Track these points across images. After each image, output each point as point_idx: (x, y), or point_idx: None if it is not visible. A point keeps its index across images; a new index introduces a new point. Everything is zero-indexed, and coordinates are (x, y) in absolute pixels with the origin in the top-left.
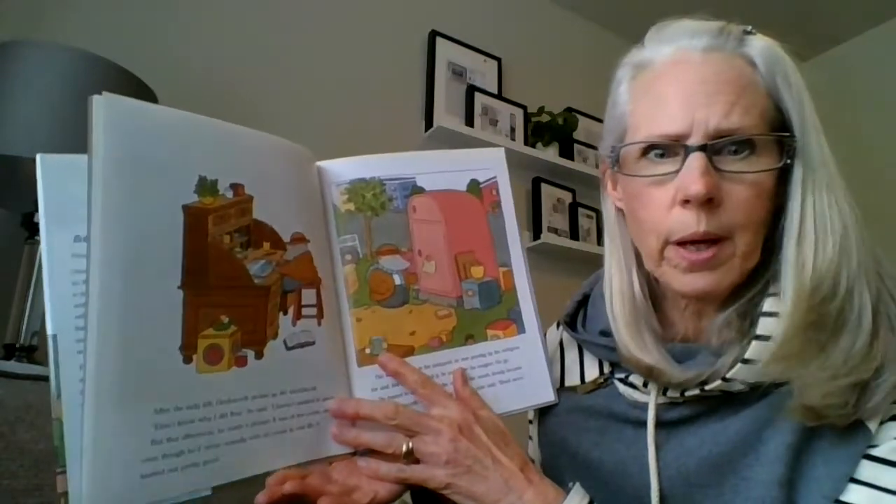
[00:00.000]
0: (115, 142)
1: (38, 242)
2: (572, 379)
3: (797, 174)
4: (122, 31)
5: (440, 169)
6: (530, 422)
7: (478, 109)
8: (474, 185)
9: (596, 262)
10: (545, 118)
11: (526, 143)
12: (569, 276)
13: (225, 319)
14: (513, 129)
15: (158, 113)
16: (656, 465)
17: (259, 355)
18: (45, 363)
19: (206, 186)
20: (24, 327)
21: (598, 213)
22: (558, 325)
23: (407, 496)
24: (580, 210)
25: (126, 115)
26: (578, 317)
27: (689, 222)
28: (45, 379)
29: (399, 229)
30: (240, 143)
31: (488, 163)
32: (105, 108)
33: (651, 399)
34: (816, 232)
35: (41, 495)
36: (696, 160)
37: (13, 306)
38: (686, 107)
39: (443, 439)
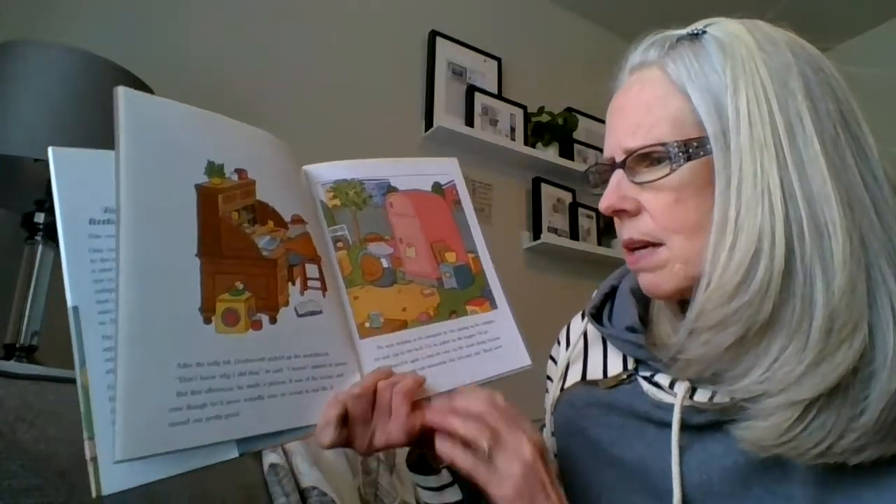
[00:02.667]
0: (134, 129)
1: (38, 242)
2: (594, 373)
3: (716, 170)
4: (122, 31)
5: (407, 173)
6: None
7: (478, 109)
8: (437, 187)
9: (596, 262)
10: (545, 118)
11: (526, 143)
12: (569, 276)
13: (240, 286)
14: (513, 129)
15: (171, 106)
16: (679, 469)
17: (273, 320)
18: (45, 363)
19: (214, 169)
20: (24, 327)
21: (598, 213)
22: (583, 316)
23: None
24: (580, 210)
25: (144, 106)
26: (605, 310)
27: (619, 230)
28: (46, 379)
29: (380, 221)
30: (240, 134)
31: (446, 169)
32: (125, 101)
33: (677, 400)
34: (737, 223)
35: (41, 495)
36: (612, 178)
37: (13, 306)
38: (610, 134)
39: (515, 465)
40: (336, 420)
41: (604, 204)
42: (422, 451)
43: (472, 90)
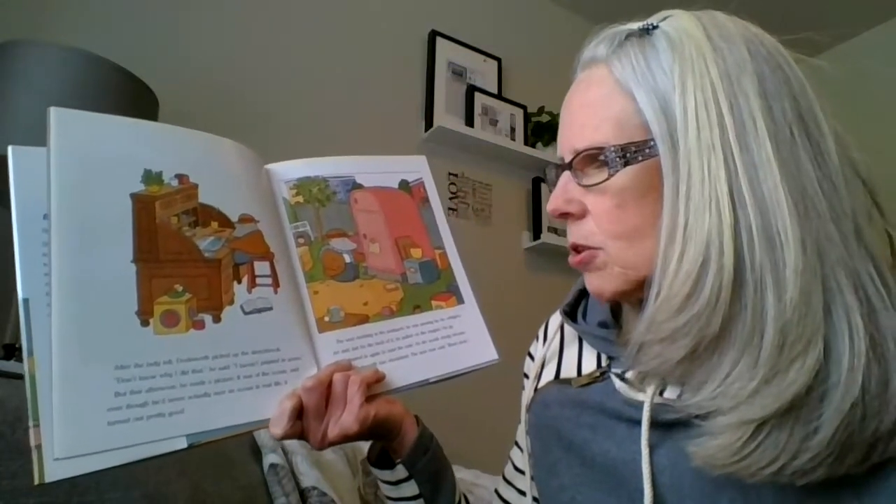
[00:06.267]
0: (64, 145)
1: None
2: (568, 371)
3: (664, 172)
4: (123, 31)
5: (374, 170)
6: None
7: (478, 109)
8: (404, 184)
9: None
10: (545, 118)
11: (526, 143)
12: (569, 277)
13: (179, 288)
14: (513, 129)
15: (105, 120)
16: (650, 469)
17: (216, 319)
18: None
19: (151, 178)
20: None
21: None
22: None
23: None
24: None
25: (75, 122)
26: (580, 307)
27: (567, 232)
28: None
29: (344, 217)
30: (183, 141)
31: (414, 166)
32: (56, 117)
33: (647, 397)
34: (686, 231)
35: (41, 495)
36: (560, 179)
37: (13, 306)
38: (560, 133)
39: None
40: (290, 412)
41: (550, 206)
42: (382, 446)
43: (472, 90)
